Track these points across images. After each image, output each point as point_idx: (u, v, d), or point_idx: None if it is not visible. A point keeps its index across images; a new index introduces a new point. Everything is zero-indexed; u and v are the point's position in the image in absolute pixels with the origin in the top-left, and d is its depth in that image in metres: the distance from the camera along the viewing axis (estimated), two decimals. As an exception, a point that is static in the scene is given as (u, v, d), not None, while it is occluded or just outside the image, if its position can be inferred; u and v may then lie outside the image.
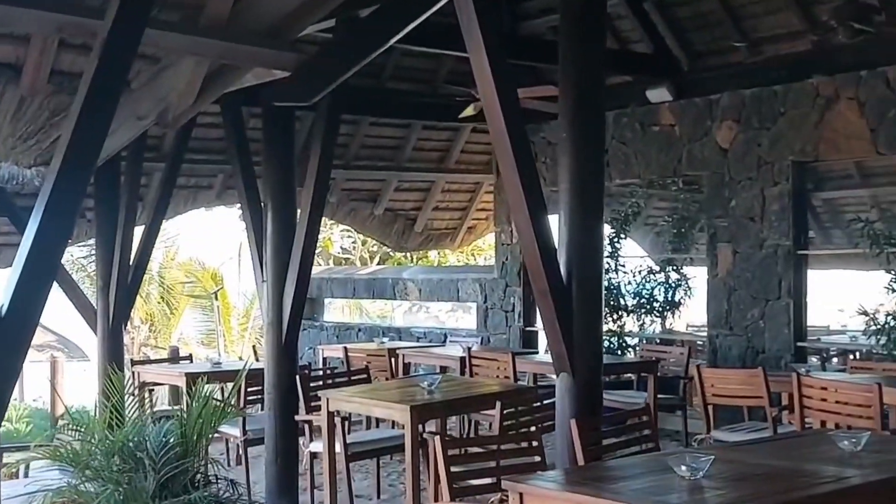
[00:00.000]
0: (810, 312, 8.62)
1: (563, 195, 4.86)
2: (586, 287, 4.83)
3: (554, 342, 4.81)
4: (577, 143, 4.85)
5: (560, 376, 4.88)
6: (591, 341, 4.88)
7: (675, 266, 10.14)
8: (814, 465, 3.61)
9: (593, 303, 4.88)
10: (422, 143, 11.14)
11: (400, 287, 12.50)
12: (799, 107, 8.30)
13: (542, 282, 4.71)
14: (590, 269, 4.87)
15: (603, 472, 3.84)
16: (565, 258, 4.80)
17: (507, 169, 4.75)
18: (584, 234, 4.83)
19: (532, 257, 4.74)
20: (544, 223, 4.80)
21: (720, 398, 6.46)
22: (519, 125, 4.79)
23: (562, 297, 4.75)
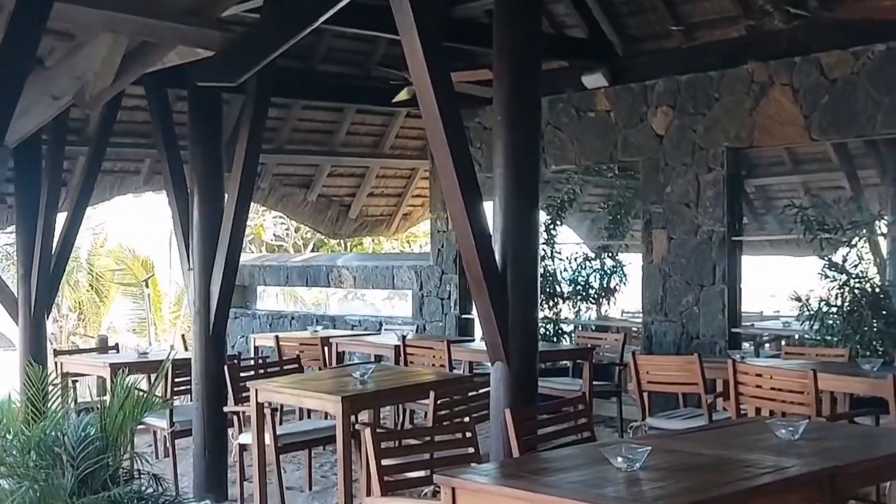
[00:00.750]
0: (744, 298, 8.66)
1: (498, 180, 4.74)
2: (522, 274, 4.72)
3: (488, 331, 4.70)
4: (512, 128, 4.73)
5: (495, 365, 4.77)
6: (526, 329, 4.78)
7: (610, 253, 10.13)
8: (752, 455, 3.55)
9: (529, 290, 4.78)
10: (355, 127, 10.94)
11: (334, 275, 12.30)
12: (733, 93, 8.30)
13: (477, 269, 4.59)
14: (525, 256, 4.76)
15: (538, 464, 3.74)
16: (500, 245, 4.69)
17: (440, 154, 4.61)
18: (519, 220, 4.71)
19: (466, 244, 4.61)
20: (479, 210, 4.67)
21: (655, 385, 6.43)
22: (453, 109, 4.65)
23: (497, 284, 4.63)
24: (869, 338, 7.31)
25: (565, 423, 4.84)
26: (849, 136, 7.95)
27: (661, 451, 3.62)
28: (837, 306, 7.53)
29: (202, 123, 6.81)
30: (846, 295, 7.52)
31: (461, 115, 4.89)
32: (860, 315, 7.40)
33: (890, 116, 7.39)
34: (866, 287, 7.53)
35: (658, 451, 3.59)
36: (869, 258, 7.84)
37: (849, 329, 7.40)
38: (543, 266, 9.74)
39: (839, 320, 7.47)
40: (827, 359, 6.97)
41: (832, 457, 3.49)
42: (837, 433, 4.02)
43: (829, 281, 7.61)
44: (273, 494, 6.08)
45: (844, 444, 3.75)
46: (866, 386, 5.56)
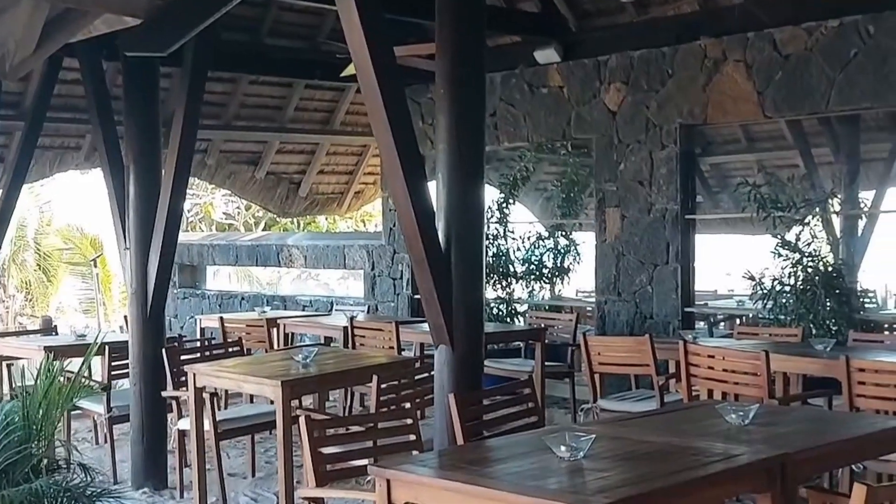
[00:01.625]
0: (698, 277, 8.57)
1: (441, 156, 4.54)
2: (467, 254, 4.54)
3: (431, 312, 4.51)
4: (455, 101, 4.53)
5: (438, 348, 4.59)
6: (471, 311, 4.60)
7: (564, 231, 10.00)
8: (701, 442, 3.41)
9: (474, 270, 4.60)
10: (305, 103, 10.67)
11: (285, 254, 12.04)
12: (687, 69, 8.17)
13: (419, 249, 4.40)
14: (470, 235, 4.57)
15: (480, 453, 3.57)
16: (444, 224, 4.50)
17: (380, 129, 4.39)
18: (463, 197, 4.52)
19: (408, 223, 4.41)
20: (421, 187, 4.47)
21: (607, 367, 6.30)
22: (393, 82, 4.43)
23: (440, 265, 4.45)
24: (822, 317, 7.25)
25: (511, 408, 4.68)
26: (802, 114, 7.85)
27: (606, 439, 3.47)
28: (791, 285, 7.46)
29: (138, 96, 6.53)
30: (799, 274, 7.46)
31: (404, 90, 4.68)
32: (813, 294, 7.33)
33: (843, 93, 7.30)
34: (819, 266, 7.47)
35: (603, 439, 3.44)
36: (822, 237, 7.77)
37: (802, 308, 7.34)
38: (496, 245, 9.59)
39: (792, 299, 7.40)
40: (780, 339, 6.90)
41: (783, 443, 3.36)
42: (788, 417, 3.90)
43: (783, 259, 7.53)
44: (213, 481, 5.88)
45: (795, 430, 3.63)
46: (819, 366, 5.46)
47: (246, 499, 6.10)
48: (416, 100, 9.79)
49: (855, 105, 7.38)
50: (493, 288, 9.56)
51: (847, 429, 3.59)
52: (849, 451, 3.49)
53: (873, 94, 7.17)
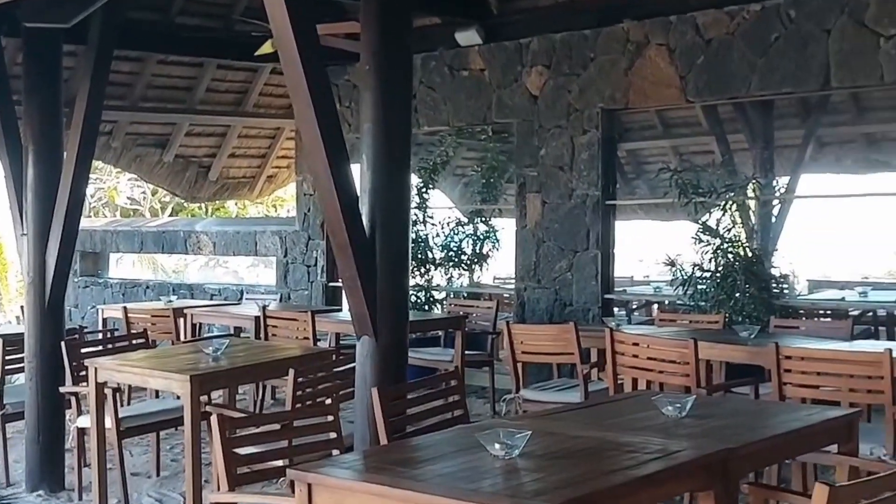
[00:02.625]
0: (616, 264, 8.49)
1: (367, 138, 4.28)
2: (391, 241, 4.30)
3: (354, 302, 4.26)
4: (382, 78, 4.27)
5: (361, 339, 4.34)
6: (396, 300, 4.37)
7: (483, 217, 9.84)
8: (639, 436, 3.25)
9: (399, 258, 4.36)
10: (216, 83, 10.22)
11: (192, 241, 11.60)
12: (609, 52, 8.06)
13: (342, 235, 4.14)
14: (395, 221, 4.34)
15: (408, 452, 3.34)
16: (368, 208, 4.25)
17: (302, 109, 4.10)
18: (389, 182, 4.28)
19: (331, 208, 4.14)
20: (344, 170, 4.21)
21: (529, 355, 6.14)
22: (316, 59, 4.15)
23: (364, 252, 4.20)
24: (742, 303, 7.24)
25: (437, 401, 4.47)
26: (724, 98, 7.82)
27: (540, 435, 3.28)
28: (711, 271, 7.43)
29: (38, 73, 6.10)
30: (719, 259, 7.43)
31: (326, 70, 4.39)
32: (733, 280, 7.31)
33: (764, 78, 7.28)
34: (739, 251, 7.45)
35: (537, 435, 3.25)
36: (741, 222, 7.77)
37: (722, 294, 7.32)
38: (415, 231, 9.37)
39: (713, 286, 7.37)
40: (701, 325, 6.85)
41: (722, 437, 3.23)
42: (724, 409, 3.78)
43: (703, 245, 7.49)
44: (115, 482, 5.52)
45: (732, 423, 3.50)
46: (746, 354, 5.40)
47: (150, 500, 5.76)
48: (334, 82, 9.46)
49: (776, 90, 7.37)
50: (411, 275, 9.32)
51: (783, 421, 3.47)
52: (790, 445, 3.38)
53: (794, 79, 7.16)
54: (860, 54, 6.83)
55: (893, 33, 6.65)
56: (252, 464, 3.80)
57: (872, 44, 6.76)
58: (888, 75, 6.72)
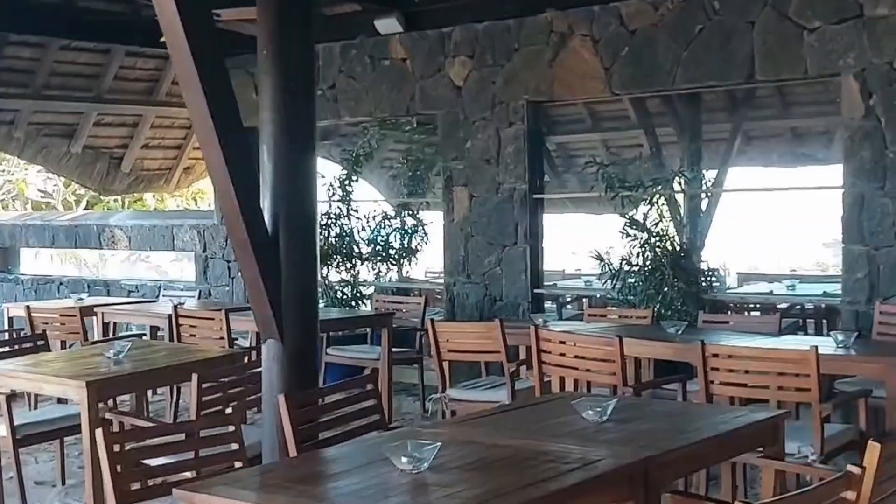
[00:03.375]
0: (546, 258, 8.33)
1: (266, 125, 4.01)
2: (297, 237, 4.04)
3: (258, 303, 4.00)
4: (281, 66, 4.01)
5: (266, 343, 4.08)
6: (304, 300, 4.11)
7: (411, 211, 9.59)
8: (557, 444, 3.05)
9: (306, 255, 4.10)
10: (125, 71, 9.78)
11: (107, 235, 11.14)
12: (533, 43, 7.87)
13: (241, 232, 3.87)
14: (301, 216, 4.08)
15: (312, 466, 3.09)
16: (270, 202, 3.98)
17: (191, 95, 3.80)
18: (292, 172, 4.01)
19: (228, 201, 3.87)
20: (243, 159, 3.93)
21: (456, 354, 5.93)
22: (208, 46, 3.85)
23: (266, 249, 3.93)
24: (671, 297, 7.13)
25: (353, 406, 4.21)
26: (649, 91, 7.70)
27: (453, 444, 3.07)
28: (639, 265, 7.31)
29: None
30: (647, 254, 7.31)
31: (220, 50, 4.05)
32: (662, 274, 7.20)
33: (689, 71, 7.17)
34: (667, 245, 7.34)
35: (450, 444, 3.04)
36: (668, 216, 7.64)
37: (651, 289, 7.20)
38: (339, 225, 9.09)
39: (641, 280, 7.25)
40: (630, 321, 6.72)
41: (644, 443, 3.04)
42: (646, 412, 3.60)
43: (631, 239, 7.37)
44: (12, 493, 5.17)
45: (655, 427, 3.32)
46: (673, 351, 5.26)
47: (54, 510, 5.43)
48: (248, 70, 9.13)
49: (700, 83, 7.26)
50: (336, 270, 9.07)
51: (708, 425, 3.31)
52: (713, 451, 3.22)
53: (718, 72, 7.06)
54: (784, 47, 6.75)
55: (817, 25, 6.59)
56: (153, 477, 3.51)
57: (796, 36, 6.69)
58: (812, 68, 6.66)
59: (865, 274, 6.47)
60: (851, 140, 6.54)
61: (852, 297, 6.54)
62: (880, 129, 6.40)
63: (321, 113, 9.23)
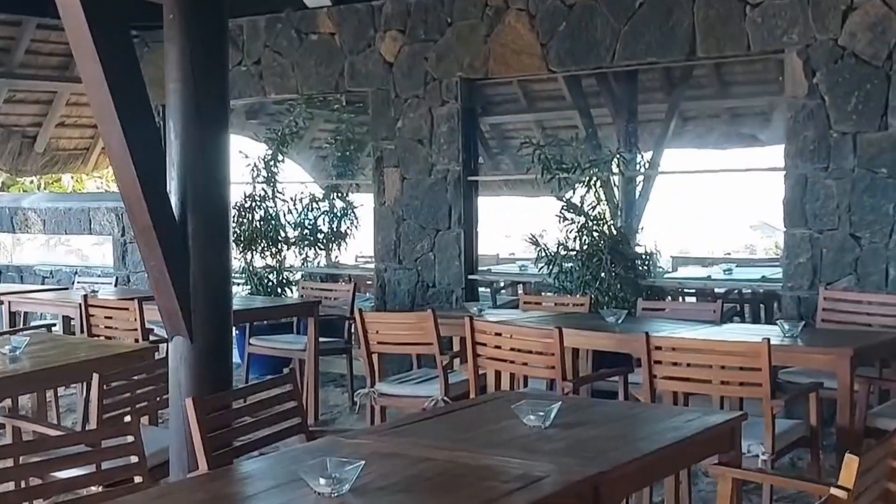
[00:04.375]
0: (481, 241, 8.03)
1: (173, 100, 3.60)
2: (208, 223, 3.65)
3: (163, 297, 3.60)
4: (189, 32, 3.60)
5: (173, 341, 3.69)
6: (215, 293, 3.72)
7: (340, 193, 9.20)
8: (496, 456, 2.74)
9: (218, 243, 3.71)
10: (37, 45, 9.19)
11: (19, 218, 10.53)
12: (467, 17, 7.54)
13: (144, 217, 3.47)
14: (213, 200, 3.68)
15: (219, 486, 2.72)
16: (177, 186, 3.58)
17: (86, 64, 3.38)
18: (202, 151, 3.62)
19: (128, 183, 3.46)
20: (146, 137, 3.52)
21: (386, 346, 5.59)
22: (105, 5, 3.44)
23: (172, 236, 3.54)
24: (608, 284, 6.89)
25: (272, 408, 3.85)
26: (587, 69, 7.41)
27: (378, 459, 2.73)
28: (576, 250, 7.05)
29: None
30: (584, 238, 7.05)
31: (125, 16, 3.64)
32: (599, 260, 6.95)
33: (628, 47, 6.91)
34: (604, 229, 7.09)
35: (375, 459, 2.70)
36: (605, 199, 7.39)
37: (588, 275, 6.94)
38: (264, 208, 8.66)
39: (578, 265, 6.99)
40: (567, 308, 6.46)
41: (592, 454, 2.74)
42: (592, 415, 3.30)
43: (567, 223, 7.10)
44: None
45: (603, 434, 3.02)
46: (613, 342, 5.01)
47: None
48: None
49: (641, 59, 7.01)
50: (261, 256, 8.64)
51: (660, 431, 3.02)
52: (668, 462, 2.94)
53: (659, 48, 6.82)
54: (726, 23, 6.52)
55: (759, 1, 6.37)
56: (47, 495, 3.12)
57: (738, 11, 6.47)
58: (755, 45, 6.44)
59: (808, 258, 6.30)
60: (794, 119, 6.34)
61: (794, 283, 6.37)
62: (824, 108, 6.22)
63: (246, 89, 8.81)
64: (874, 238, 6.07)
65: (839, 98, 6.16)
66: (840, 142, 6.17)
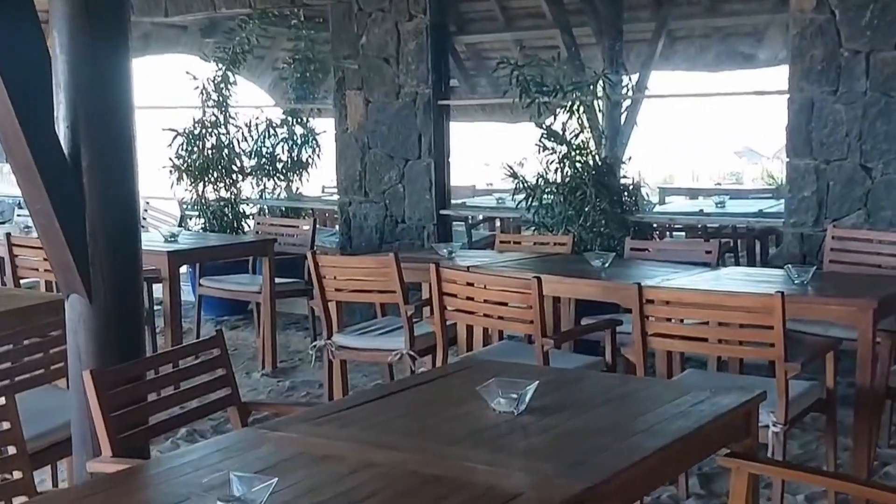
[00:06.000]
0: (454, 171, 7.36)
1: (58, 8, 2.88)
2: (106, 159, 2.97)
3: (52, 247, 2.94)
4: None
5: (69, 300, 3.04)
6: (120, 242, 3.06)
7: (300, 118, 8.48)
8: (455, 461, 2.14)
9: (120, 182, 3.04)
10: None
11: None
12: (436, -83, 6.76)
13: (23, 150, 2.79)
14: (113, 130, 3.00)
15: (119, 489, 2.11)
16: (65, 112, 2.89)
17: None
18: (97, 69, 2.92)
19: (5, 121, 2.76)
20: (26, 56, 2.82)
21: (344, 294, 4.96)
22: None
23: (60, 175, 2.86)
24: (593, 220, 6.26)
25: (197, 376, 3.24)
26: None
27: (304, 465, 2.13)
28: (557, 183, 6.41)
29: None
30: (566, 170, 6.41)
31: None
32: (583, 193, 6.32)
33: (617, -44, 6.18)
34: (588, 160, 6.44)
35: (299, 466, 2.10)
36: (589, 127, 6.71)
37: (570, 210, 6.32)
38: (216, 135, 7.95)
39: (560, 200, 6.35)
40: (548, 248, 5.85)
41: (577, 457, 2.14)
42: (575, 394, 2.70)
43: (548, 153, 6.44)
44: None
45: (589, 423, 2.42)
46: (599, 290, 4.41)
47: None
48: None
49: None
50: (214, 188, 7.95)
51: (660, 418, 2.40)
52: (672, 463, 2.34)
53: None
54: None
55: None
56: None
57: (742, -86, 5.74)
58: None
59: (813, 191, 5.69)
60: (800, 37, 5.67)
61: (797, 218, 5.77)
62: (834, 24, 5.54)
63: (194, 3, 8.01)
64: (887, 169, 5.46)
65: (851, 12, 5.48)
66: (851, 62, 5.51)
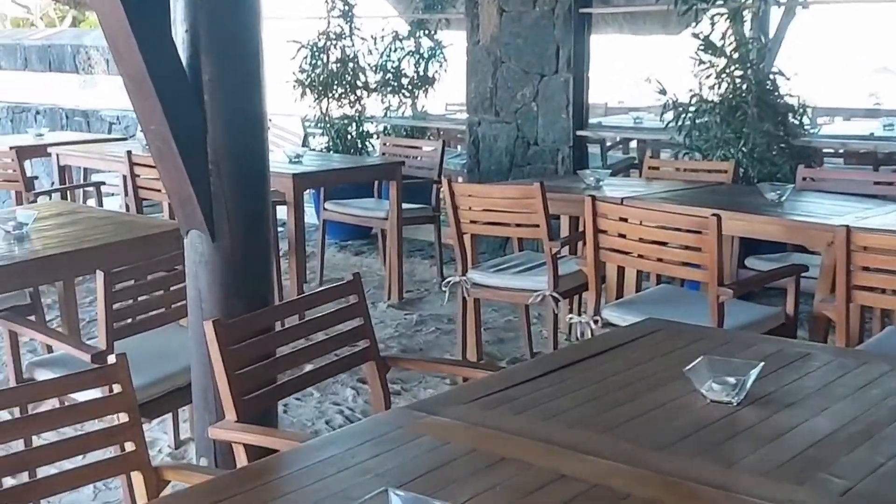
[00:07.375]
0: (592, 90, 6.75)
1: None
2: (232, 68, 2.53)
3: (171, 178, 2.54)
4: None
5: (189, 237, 2.65)
6: (246, 171, 2.64)
7: (427, 31, 7.95)
8: (678, 463, 1.65)
9: (248, 99, 2.60)
10: None
11: (82, 57, 9.59)
12: None
13: (135, 59, 2.36)
14: (237, 36, 2.55)
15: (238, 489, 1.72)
16: (184, 13, 2.45)
17: None
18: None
19: (109, 13, 2.34)
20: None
21: (480, 226, 4.49)
22: None
23: (178, 89, 2.44)
24: (753, 142, 5.59)
25: (333, 326, 2.83)
26: None
27: (480, 466, 1.68)
28: (713, 102, 5.73)
29: None
30: (725, 86, 5.72)
31: None
32: (743, 114, 5.63)
33: None
34: (751, 75, 5.73)
35: (474, 468, 1.65)
36: (752, 36, 5.97)
37: (729, 132, 5.65)
38: (340, 48, 7.51)
39: (717, 120, 5.69)
40: (705, 177, 5.23)
41: (836, 472, 1.63)
42: (800, 376, 2.17)
43: (705, 67, 5.75)
44: None
45: (832, 424, 1.90)
46: (783, 230, 3.80)
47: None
48: None
49: None
50: (338, 104, 7.55)
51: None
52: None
53: None
54: None
55: None
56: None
57: None
58: None
59: None
60: None
61: None
62: None
63: None
64: None
65: None
66: None
